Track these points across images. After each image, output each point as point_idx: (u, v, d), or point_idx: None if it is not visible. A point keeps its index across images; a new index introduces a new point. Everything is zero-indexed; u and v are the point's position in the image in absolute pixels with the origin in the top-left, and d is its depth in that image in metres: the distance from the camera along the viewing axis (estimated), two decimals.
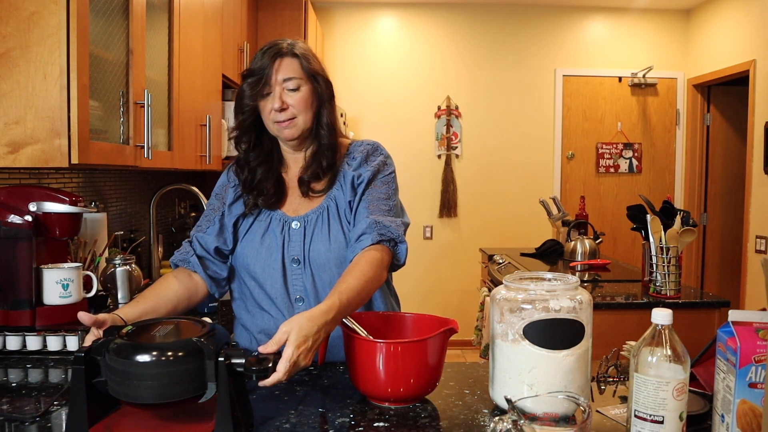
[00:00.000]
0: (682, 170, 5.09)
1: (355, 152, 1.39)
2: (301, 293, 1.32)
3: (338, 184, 1.36)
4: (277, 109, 1.30)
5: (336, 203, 1.35)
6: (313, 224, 1.33)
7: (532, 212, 4.71)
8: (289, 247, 1.33)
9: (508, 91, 4.98)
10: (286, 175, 1.42)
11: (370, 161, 1.37)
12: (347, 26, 4.84)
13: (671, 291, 2.31)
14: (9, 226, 1.42)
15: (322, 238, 1.32)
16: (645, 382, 0.86)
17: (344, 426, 1.00)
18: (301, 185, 1.37)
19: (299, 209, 1.36)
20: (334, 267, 1.31)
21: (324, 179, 1.37)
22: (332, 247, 1.31)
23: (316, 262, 1.31)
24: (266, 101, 1.32)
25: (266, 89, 1.31)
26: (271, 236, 1.34)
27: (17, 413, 1.06)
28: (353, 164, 1.37)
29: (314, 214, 1.34)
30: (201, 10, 2.48)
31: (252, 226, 1.37)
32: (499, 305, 1.04)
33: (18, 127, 1.41)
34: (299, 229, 1.33)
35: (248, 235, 1.36)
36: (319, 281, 1.31)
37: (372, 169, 1.36)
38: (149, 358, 0.88)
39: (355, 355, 1.09)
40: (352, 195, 1.35)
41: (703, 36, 4.84)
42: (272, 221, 1.35)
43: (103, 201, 2.32)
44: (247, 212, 1.37)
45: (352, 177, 1.35)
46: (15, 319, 1.43)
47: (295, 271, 1.32)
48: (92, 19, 1.52)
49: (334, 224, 1.33)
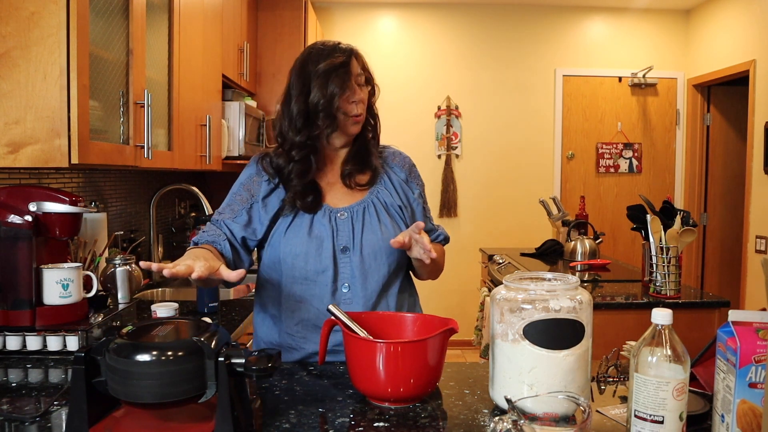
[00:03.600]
0: (682, 170, 5.09)
1: (392, 158, 1.51)
2: (348, 280, 1.37)
3: (382, 184, 1.46)
4: (357, 101, 1.37)
5: (380, 200, 1.44)
6: (360, 215, 1.40)
7: (532, 212, 4.71)
8: (338, 236, 1.38)
9: (508, 91, 4.98)
10: (322, 174, 1.45)
11: (415, 174, 1.53)
12: (347, 26, 4.84)
13: (671, 291, 2.31)
14: (9, 226, 1.42)
15: (372, 228, 1.39)
16: (645, 382, 0.86)
17: (344, 426, 1.00)
18: (345, 177, 1.44)
19: (342, 201, 1.42)
20: (385, 255, 1.39)
21: (367, 173, 1.45)
22: (383, 236, 1.39)
23: (368, 249, 1.38)
24: (345, 93, 1.37)
25: (348, 82, 1.37)
26: (320, 227, 1.38)
27: (17, 413, 1.06)
28: (396, 170, 1.49)
29: (359, 206, 1.41)
30: (201, 10, 2.48)
31: (296, 219, 1.39)
32: (499, 305, 1.04)
33: (18, 127, 1.41)
34: (346, 219, 1.39)
35: (293, 228, 1.39)
36: (368, 267, 1.38)
37: (421, 183, 1.55)
38: (149, 357, 0.88)
39: (355, 355, 1.09)
40: (400, 200, 1.46)
41: (703, 36, 4.84)
42: (317, 212, 1.39)
43: (103, 201, 2.32)
44: (288, 212, 1.39)
45: (400, 183, 1.48)
46: (15, 319, 1.43)
47: (343, 259, 1.37)
48: (92, 19, 1.52)
49: (382, 217, 1.42)
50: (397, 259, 1.41)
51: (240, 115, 3.08)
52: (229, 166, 3.11)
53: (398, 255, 1.41)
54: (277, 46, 3.80)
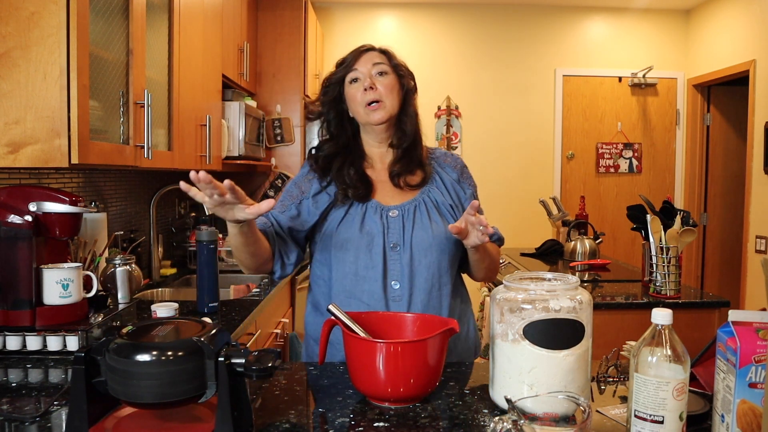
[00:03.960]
0: (682, 170, 5.09)
1: (442, 158, 1.55)
2: (398, 277, 1.39)
3: (434, 183, 1.49)
4: (366, 88, 1.41)
5: (432, 199, 1.46)
6: (411, 214, 1.43)
7: (532, 212, 4.71)
8: (388, 233, 1.40)
9: (508, 91, 4.98)
10: (372, 171, 1.49)
11: (467, 174, 1.55)
12: (347, 26, 4.85)
13: (671, 291, 2.31)
14: (9, 226, 1.42)
15: (423, 226, 1.41)
16: (645, 382, 0.86)
17: (344, 426, 1.00)
18: (394, 177, 1.47)
19: (393, 200, 1.45)
20: (436, 252, 1.40)
21: (417, 174, 1.48)
22: (434, 234, 1.41)
23: (418, 247, 1.40)
24: (356, 87, 1.43)
25: (354, 74, 1.43)
26: (371, 223, 1.41)
27: (17, 413, 1.06)
28: (448, 171, 1.52)
29: (410, 205, 1.44)
30: (201, 10, 2.48)
31: (348, 214, 1.42)
32: (499, 305, 1.04)
33: (18, 127, 1.41)
34: (397, 217, 1.42)
35: (344, 223, 1.42)
36: (418, 265, 1.40)
37: (474, 184, 1.56)
38: (149, 357, 0.88)
39: (355, 355, 1.09)
40: (452, 199, 1.48)
41: (703, 36, 4.84)
42: (368, 209, 1.43)
43: (103, 201, 2.32)
44: (339, 203, 1.43)
45: (452, 184, 1.50)
46: (15, 319, 1.43)
47: (393, 256, 1.40)
48: (92, 19, 1.52)
49: (433, 215, 1.44)
50: (448, 257, 1.42)
51: (240, 115, 3.08)
52: (229, 166, 3.11)
53: (449, 253, 1.42)
54: (277, 46, 3.79)
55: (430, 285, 1.40)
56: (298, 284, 3.14)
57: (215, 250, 1.92)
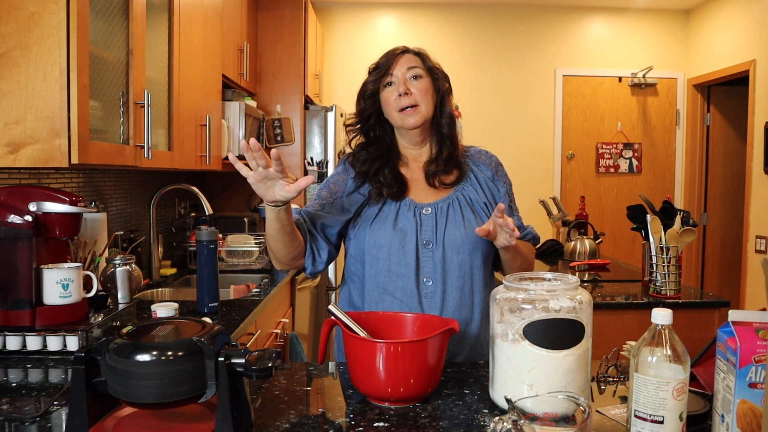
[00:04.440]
0: (682, 170, 5.09)
1: (477, 156, 1.55)
2: (430, 274, 1.39)
3: (468, 181, 1.48)
4: (401, 93, 1.41)
5: (465, 197, 1.46)
6: (445, 212, 1.43)
7: (532, 212, 4.70)
8: (421, 230, 1.41)
9: (508, 91, 4.98)
10: (406, 170, 1.50)
11: (501, 173, 1.55)
12: (347, 26, 4.84)
13: (671, 291, 2.30)
14: (9, 226, 1.42)
15: (456, 224, 1.42)
16: (645, 382, 0.86)
17: (344, 426, 1.00)
18: (429, 176, 1.47)
19: (426, 198, 1.46)
20: (468, 251, 1.40)
21: (453, 173, 1.48)
22: (467, 232, 1.41)
23: (451, 244, 1.40)
24: (390, 91, 1.43)
25: (389, 78, 1.43)
26: (404, 220, 1.41)
27: (17, 413, 1.06)
28: (483, 168, 1.52)
29: (444, 203, 1.44)
30: (201, 10, 2.48)
31: (381, 212, 1.43)
32: (499, 305, 1.04)
33: (18, 127, 1.41)
34: (430, 215, 1.42)
35: (378, 220, 1.42)
36: (450, 262, 1.39)
37: (508, 182, 1.56)
38: (149, 357, 0.88)
39: (355, 355, 1.09)
40: (486, 197, 1.48)
41: (703, 36, 4.84)
42: (401, 207, 1.43)
43: (103, 201, 2.32)
44: (373, 201, 1.44)
45: (486, 181, 1.50)
46: (15, 319, 1.43)
47: (426, 253, 1.40)
48: (92, 19, 1.52)
49: (466, 213, 1.44)
50: (481, 255, 1.42)
51: (240, 115, 3.08)
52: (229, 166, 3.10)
53: (481, 251, 1.42)
54: (277, 46, 3.79)
55: (462, 282, 1.40)
56: (298, 284, 3.13)
57: (215, 250, 1.92)
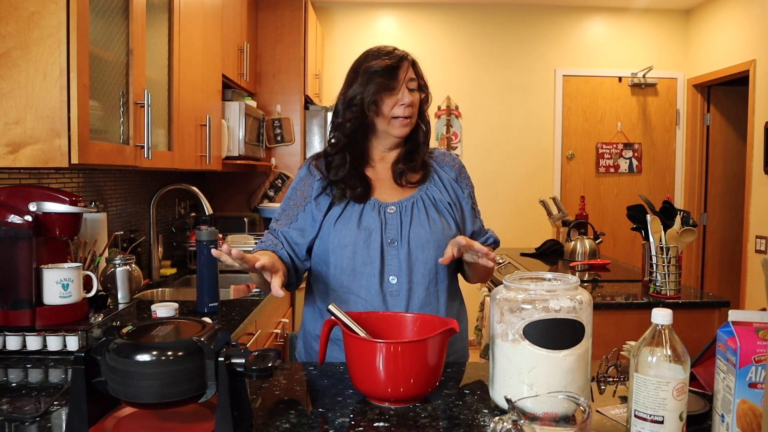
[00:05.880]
0: (682, 170, 5.09)
1: (441, 158, 1.55)
2: (395, 272, 1.40)
3: (432, 181, 1.50)
4: (406, 104, 1.42)
5: (429, 196, 1.47)
6: (409, 210, 1.44)
7: (532, 212, 4.71)
8: (386, 229, 1.42)
9: (508, 91, 4.98)
10: (371, 170, 1.50)
11: (465, 175, 1.55)
12: (347, 26, 4.84)
13: (671, 291, 2.31)
14: (9, 226, 1.42)
15: (420, 222, 1.43)
16: (645, 382, 0.86)
17: (344, 426, 1.00)
18: (397, 175, 1.48)
19: (391, 197, 1.46)
20: (433, 249, 1.41)
21: (418, 172, 1.49)
22: (432, 230, 1.42)
23: (416, 242, 1.41)
24: (391, 96, 1.42)
25: (394, 83, 1.42)
26: (369, 219, 1.42)
27: (17, 413, 1.06)
28: (446, 170, 1.52)
29: (408, 202, 1.45)
30: (201, 10, 2.48)
31: (345, 211, 1.43)
32: (499, 305, 1.04)
33: (18, 127, 1.41)
34: (395, 213, 1.43)
35: (342, 219, 1.42)
36: (415, 260, 1.41)
37: (471, 184, 1.57)
38: (149, 357, 0.88)
39: (355, 355, 1.09)
40: (450, 197, 1.49)
41: (703, 36, 4.84)
42: (366, 206, 1.44)
43: (103, 201, 2.32)
44: (337, 201, 1.44)
45: (450, 182, 1.51)
46: (15, 319, 1.43)
47: (391, 251, 1.41)
48: (92, 19, 1.52)
49: (431, 212, 1.45)
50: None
51: (240, 115, 3.08)
52: (229, 166, 3.11)
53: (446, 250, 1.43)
54: (277, 46, 3.80)
55: (428, 281, 1.41)
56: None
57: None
